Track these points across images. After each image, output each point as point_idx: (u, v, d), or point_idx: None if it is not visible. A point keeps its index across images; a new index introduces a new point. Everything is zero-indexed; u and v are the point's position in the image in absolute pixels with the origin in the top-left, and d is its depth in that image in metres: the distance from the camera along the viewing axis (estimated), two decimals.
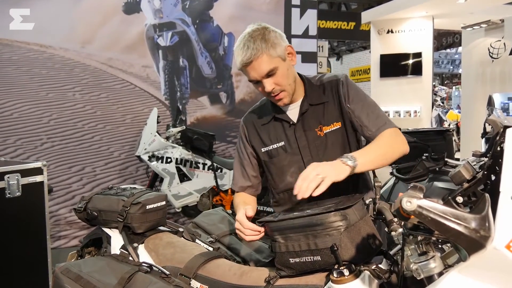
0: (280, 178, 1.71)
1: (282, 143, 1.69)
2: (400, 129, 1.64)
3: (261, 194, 1.89)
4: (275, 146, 1.71)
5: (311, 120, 1.67)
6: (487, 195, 0.88)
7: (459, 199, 1.10)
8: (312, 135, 1.66)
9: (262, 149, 1.73)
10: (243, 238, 1.50)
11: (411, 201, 0.86)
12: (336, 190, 1.39)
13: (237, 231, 1.53)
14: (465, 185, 1.13)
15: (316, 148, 1.65)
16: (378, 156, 1.49)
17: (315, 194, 1.30)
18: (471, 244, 0.83)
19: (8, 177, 2.74)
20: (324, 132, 1.65)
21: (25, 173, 2.82)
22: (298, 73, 1.72)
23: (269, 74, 1.56)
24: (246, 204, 1.63)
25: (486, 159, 1.49)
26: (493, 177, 1.04)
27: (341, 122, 1.66)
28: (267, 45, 1.54)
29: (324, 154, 1.64)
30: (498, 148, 1.01)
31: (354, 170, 1.40)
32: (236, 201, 1.76)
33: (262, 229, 1.44)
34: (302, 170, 1.58)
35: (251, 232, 1.47)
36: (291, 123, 1.69)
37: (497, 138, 1.03)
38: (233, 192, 1.91)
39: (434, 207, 0.85)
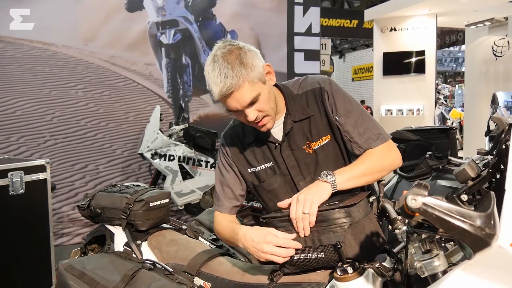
0: (272, 201, 1.55)
1: (270, 163, 1.56)
2: (392, 138, 1.53)
3: None
4: (263, 167, 1.57)
5: (298, 137, 1.53)
6: (492, 193, 0.88)
7: (464, 197, 1.10)
8: (301, 153, 1.53)
9: (249, 169, 1.59)
10: (278, 260, 1.29)
11: (416, 199, 0.85)
12: None
13: (269, 258, 1.29)
14: (470, 183, 1.12)
15: (307, 166, 1.53)
16: (365, 172, 1.40)
17: (310, 226, 1.24)
18: (476, 242, 0.83)
19: (12, 175, 2.75)
20: (313, 148, 1.52)
21: (28, 170, 2.83)
22: (275, 84, 1.54)
23: (252, 102, 1.39)
24: (237, 223, 1.54)
25: (490, 157, 1.48)
26: (498, 175, 1.04)
27: (330, 134, 1.52)
28: (247, 70, 1.36)
29: (316, 172, 1.51)
30: (503, 146, 1.01)
31: (336, 188, 1.33)
32: (224, 224, 1.57)
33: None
34: (294, 191, 1.51)
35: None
36: (276, 144, 1.54)
37: (502, 136, 1.03)
38: None
39: (439, 204, 0.85)
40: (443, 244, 1.16)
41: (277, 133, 1.55)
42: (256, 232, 1.35)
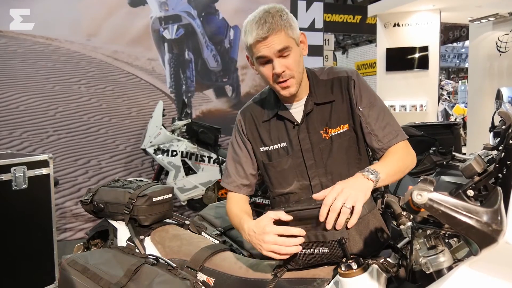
0: (279, 182, 1.58)
1: (284, 144, 1.56)
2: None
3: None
4: (275, 147, 1.57)
5: (316, 121, 1.54)
6: (499, 188, 0.87)
7: (470, 192, 1.09)
8: (317, 137, 1.53)
9: (261, 148, 1.60)
10: (280, 257, 1.27)
11: (422, 194, 0.85)
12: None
13: (271, 248, 1.26)
14: (476, 178, 1.11)
15: (321, 151, 1.53)
16: (396, 170, 1.40)
17: (349, 226, 1.17)
18: (482, 238, 0.82)
19: (15, 170, 2.75)
20: (330, 135, 1.53)
21: (31, 165, 2.83)
22: None
23: (282, 54, 1.43)
24: (247, 214, 1.51)
25: (496, 152, 1.47)
26: (504, 171, 1.03)
27: (348, 124, 1.53)
28: (286, 24, 1.43)
29: (329, 158, 1.52)
30: (510, 141, 1.00)
31: (377, 185, 1.30)
32: (232, 208, 1.57)
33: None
34: (304, 175, 1.53)
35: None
36: (295, 123, 1.55)
37: (509, 131, 1.02)
38: None
39: (445, 200, 0.84)
40: (446, 240, 1.15)
41: (297, 114, 1.56)
42: (255, 224, 1.35)
